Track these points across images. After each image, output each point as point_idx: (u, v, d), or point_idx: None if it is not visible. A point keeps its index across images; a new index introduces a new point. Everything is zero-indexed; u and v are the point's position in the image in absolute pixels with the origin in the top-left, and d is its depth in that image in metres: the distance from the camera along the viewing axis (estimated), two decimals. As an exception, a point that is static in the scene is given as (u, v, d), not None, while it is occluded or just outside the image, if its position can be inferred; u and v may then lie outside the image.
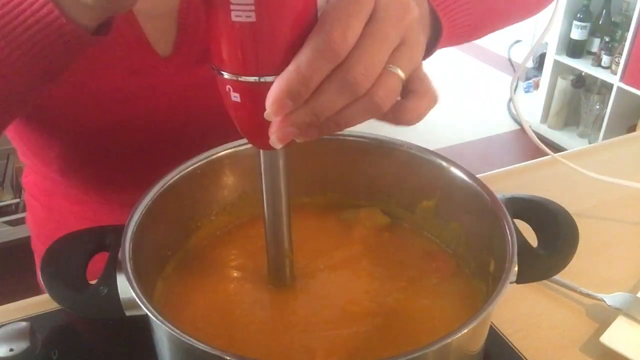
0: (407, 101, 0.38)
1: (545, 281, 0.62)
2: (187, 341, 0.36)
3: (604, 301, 0.59)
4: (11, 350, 0.46)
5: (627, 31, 2.40)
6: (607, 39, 2.58)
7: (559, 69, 2.79)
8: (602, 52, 2.59)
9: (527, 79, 3.31)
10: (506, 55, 3.52)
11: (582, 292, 0.60)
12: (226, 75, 0.36)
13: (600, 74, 2.60)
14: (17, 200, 2.00)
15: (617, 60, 2.49)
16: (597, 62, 2.62)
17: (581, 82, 2.76)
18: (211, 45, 0.36)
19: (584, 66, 2.68)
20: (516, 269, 0.44)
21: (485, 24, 0.62)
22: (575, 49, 2.69)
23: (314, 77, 0.34)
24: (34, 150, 0.70)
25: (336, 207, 0.59)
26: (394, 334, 0.47)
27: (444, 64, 3.42)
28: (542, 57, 2.97)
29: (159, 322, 0.37)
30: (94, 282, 0.43)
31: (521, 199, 0.49)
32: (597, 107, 2.68)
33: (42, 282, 0.44)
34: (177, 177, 0.51)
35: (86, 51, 0.44)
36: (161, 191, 0.49)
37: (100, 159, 0.68)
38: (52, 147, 0.67)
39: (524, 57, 3.22)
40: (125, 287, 0.41)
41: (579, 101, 2.79)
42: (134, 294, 0.40)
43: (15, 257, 1.65)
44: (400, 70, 0.37)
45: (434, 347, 0.36)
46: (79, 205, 0.74)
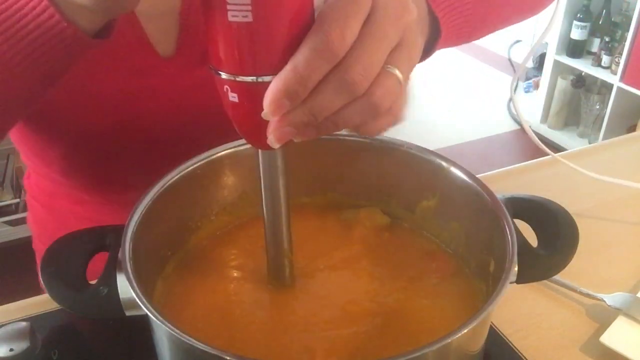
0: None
1: (545, 281, 0.62)
2: (187, 341, 0.36)
3: (604, 301, 0.59)
4: (11, 350, 0.46)
5: (627, 31, 2.40)
6: (607, 39, 2.58)
7: (559, 69, 2.79)
8: (602, 52, 2.59)
9: (527, 79, 3.31)
10: (506, 55, 3.52)
11: (582, 292, 0.60)
12: (224, 75, 0.36)
13: (600, 74, 2.60)
14: (17, 200, 2.00)
15: (617, 60, 2.49)
16: (597, 62, 2.62)
17: (581, 82, 2.76)
18: (209, 45, 0.37)
19: (584, 66, 2.68)
20: (516, 269, 0.44)
21: (484, 24, 0.61)
22: (575, 49, 2.69)
23: (311, 77, 0.34)
24: (36, 151, 0.70)
25: (336, 207, 0.59)
26: (394, 334, 0.47)
27: (444, 64, 3.43)
28: (542, 57, 2.97)
29: (159, 322, 0.37)
30: (94, 282, 0.43)
31: (521, 199, 0.49)
32: (597, 107, 2.68)
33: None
34: (177, 177, 0.51)
35: (87, 54, 0.44)
36: (161, 191, 0.49)
37: (101, 160, 0.68)
38: (53, 148, 0.67)
39: (524, 57, 3.22)
40: (125, 287, 0.41)
41: (579, 101, 2.79)
42: (134, 294, 0.40)
43: (15, 257, 1.65)
44: (398, 70, 0.37)
45: (434, 347, 0.36)
46: (80, 205, 0.74)
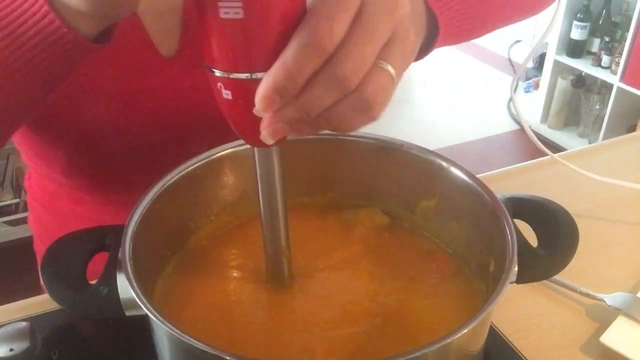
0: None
1: (545, 281, 0.62)
2: (187, 341, 0.36)
3: (604, 301, 0.59)
4: (11, 350, 0.46)
5: (627, 31, 2.40)
6: (607, 39, 2.58)
7: (559, 69, 2.79)
8: (602, 52, 2.59)
9: (527, 79, 3.31)
10: (506, 55, 3.52)
11: (582, 292, 0.60)
12: (217, 72, 0.36)
13: (600, 74, 2.60)
14: (17, 200, 2.00)
15: (617, 60, 2.49)
16: (597, 62, 2.62)
17: (581, 82, 2.76)
18: (202, 43, 0.36)
19: (584, 66, 2.68)
20: (516, 269, 0.44)
21: (484, 23, 0.61)
22: (575, 49, 2.69)
23: (301, 73, 0.34)
24: (37, 151, 0.70)
25: (336, 207, 0.59)
26: (394, 334, 0.47)
27: (444, 64, 3.43)
28: (542, 57, 2.97)
29: (159, 322, 0.37)
30: (94, 282, 0.43)
31: (521, 199, 0.49)
32: (597, 107, 2.68)
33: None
34: (177, 177, 0.51)
35: (87, 58, 0.44)
36: (161, 191, 0.49)
37: (102, 160, 0.68)
38: (54, 148, 0.67)
39: (524, 57, 3.22)
40: (125, 287, 0.41)
41: (579, 101, 2.79)
42: (134, 294, 0.40)
43: (15, 257, 1.65)
44: (390, 66, 0.36)
45: (434, 347, 0.36)
46: (81, 205, 0.74)
